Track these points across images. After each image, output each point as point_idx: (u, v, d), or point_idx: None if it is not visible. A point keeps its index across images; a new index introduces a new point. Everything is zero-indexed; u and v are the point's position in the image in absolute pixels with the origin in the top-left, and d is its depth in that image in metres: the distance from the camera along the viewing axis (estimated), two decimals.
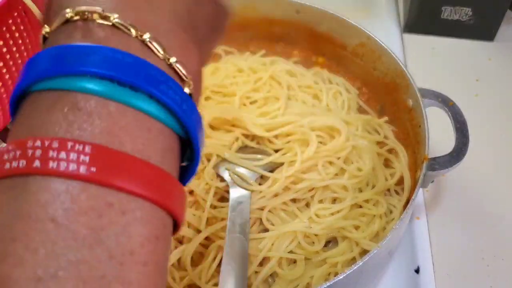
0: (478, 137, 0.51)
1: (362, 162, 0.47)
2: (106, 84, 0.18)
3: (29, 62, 0.20)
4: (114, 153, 0.18)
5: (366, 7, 0.77)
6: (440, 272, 0.50)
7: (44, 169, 0.17)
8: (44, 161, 0.17)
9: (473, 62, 0.69)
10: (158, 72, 0.19)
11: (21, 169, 0.17)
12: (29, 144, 0.17)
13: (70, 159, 0.17)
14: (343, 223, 0.44)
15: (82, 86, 0.18)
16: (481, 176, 0.57)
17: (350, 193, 0.45)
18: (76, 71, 0.18)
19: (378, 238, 0.44)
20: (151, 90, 0.19)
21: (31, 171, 0.17)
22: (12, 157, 0.17)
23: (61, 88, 0.18)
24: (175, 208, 0.19)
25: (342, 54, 0.57)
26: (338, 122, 0.48)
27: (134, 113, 0.19)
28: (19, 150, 0.17)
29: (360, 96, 0.56)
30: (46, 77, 0.19)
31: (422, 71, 0.60)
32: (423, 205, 0.54)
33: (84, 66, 0.18)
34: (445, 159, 0.44)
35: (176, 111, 0.19)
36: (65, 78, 0.18)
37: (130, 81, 0.18)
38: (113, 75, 0.18)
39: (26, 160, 0.17)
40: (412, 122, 0.48)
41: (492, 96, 0.65)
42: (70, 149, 0.17)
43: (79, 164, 0.17)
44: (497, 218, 0.54)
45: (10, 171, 0.17)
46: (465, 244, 0.52)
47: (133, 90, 0.19)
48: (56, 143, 0.17)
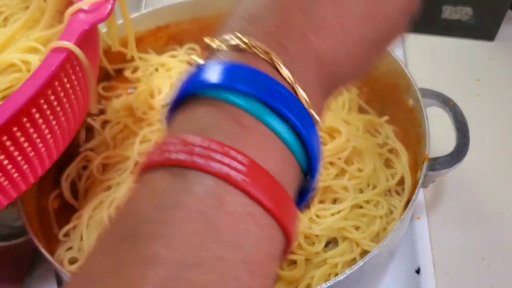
0: (478, 137, 0.51)
1: (362, 163, 0.47)
2: (261, 107, 0.20)
3: (195, 71, 0.21)
4: (263, 171, 0.19)
5: None
6: (440, 272, 0.50)
7: (205, 166, 0.18)
8: (206, 159, 0.18)
9: (474, 62, 0.69)
10: (304, 111, 0.21)
11: (185, 162, 0.19)
12: (194, 141, 0.19)
13: (228, 163, 0.19)
14: (344, 223, 0.44)
15: (240, 100, 0.20)
16: (481, 176, 0.57)
17: (351, 193, 0.45)
18: (237, 88, 0.20)
19: (378, 239, 0.44)
20: (296, 124, 0.20)
21: (193, 166, 0.19)
22: (177, 150, 0.19)
23: (221, 99, 0.20)
24: (292, 235, 0.21)
25: None
26: (338, 122, 0.48)
27: (277, 140, 0.20)
28: (184, 145, 0.19)
29: (361, 96, 0.56)
30: (209, 86, 0.20)
31: (422, 71, 0.60)
32: (423, 205, 0.54)
33: (245, 85, 0.20)
34: (446, 159, 0.44)
35: (308, 144, 0.21)
36: (227, 91, 0.20)
37: (279, 109, 0.20)
38: (268, 101, 0.20)
39: (189, 154, 0.19)
40: (412, 122, 0.48)
41: (492, 96, 0.65)
42: (229, 154, 0.19)
43: (236, 171, 0.19)
44: (498, 218, 0.54)
45: (175, 161, 0.19)
46: (465, 244, 0.52)
47: (280, 118, 0.20)
48: (218, 146, 0.19)
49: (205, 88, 0.21)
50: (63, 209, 0.49)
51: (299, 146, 0.21)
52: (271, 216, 0.19)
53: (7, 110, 0.32)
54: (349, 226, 0.44)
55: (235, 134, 0.20)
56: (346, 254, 0.43)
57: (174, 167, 0.19)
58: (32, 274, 0.52)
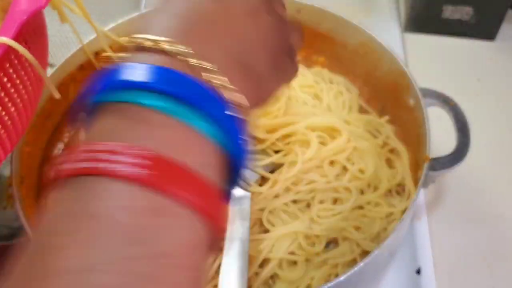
0: (479, 137, 0.51)
1: (364, 164, 0.47)
2: (168, 100, 0.21)
3: (96, 77, 0.22)
4: (171, 162, 0.20)
5: (367, 6, 0.77)
6: (441, 273, 0.50)
7: (109, 170, 0.19)
8: (110, 163, 0.19)
9: (474, 61, 0.69)
10: (217, 97, 0.22)
11: (88, 169, 0.19)
12: (96, 147, 0.20)
13: (131, 162, 0.19)
14: (344, 224, 0.44)
15: (147, 100, 0.21)
16: (482, 176, 0.57)
17: (353, 194, 0.45)
18: (142, 86, 0.21)
19: (379, 239, 0.44)
20: (209, 110, 0.21)
21: (98, 172, 0.19)
22: (81, 159, 0.19)
23: (127, 101, 0.21)
24: (217, 220, 0.21)
25: (343, 54, 0.57)
26: (338, 122, 0.48)
27: (191, 129, 0.21)
28: (87, 153, 0.20)
29: (361, 96, 0.55)
30: (113, 89, 0.21)
31: (423, 70, 0.60)
32: (424, 205, 0.54)
33: (148, 82, 0.21)
34: (446, 159, 0.44)
35: (226, 130, 0.22)
36: (131, 92, 0.21)
37: (189, 100, 0.21)
38: (174, 92, 0.21)
39: (92, 161, 0.19)
40: (413, 122, 0.48)
41: (493, 95, 0.65)
42: (133, 154, 0.19)
43: (141, 168, 0.19)
44: (499, 219, 0.54)
45: (78, 170, 0.19)
46: (466, 244, 0.52)
47: (191, 108, 0.21)
48: (122, 147, 0.19)
49: (114, 91, 0.21)
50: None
51: (217, 130, 0.22)
52: (186, 205, 0.19)
53: None
54: (349, 226, 0.44)
55: (140, 133, 0.20)
56: (346, 254, 0.43)
57: (80, 176, 0.19)
58: None
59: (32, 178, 0.49)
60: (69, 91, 0.56)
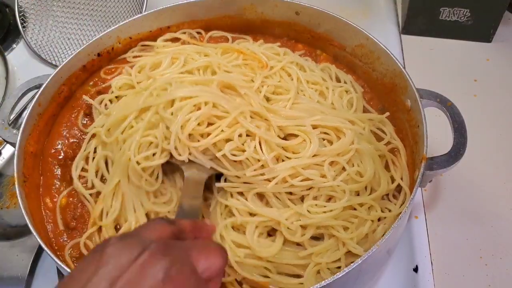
0: (476, 137, 0.51)
1: (363, 166, 0.46)
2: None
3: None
4: None
5: (365, 8, 0.78)
6: (438, 271, 0.50)
7: None
8: None
9: (471, 62, 0.70)
10: None
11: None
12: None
13: None
14: (333, 222, 0.43)
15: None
16: (479, 175, 0.58)
17: (346, 195, 0.44)
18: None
19: (367, 241, 0.43)
20: None
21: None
22: None
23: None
24: None
25: (341, 55, 0.58)
26: (344, 124, 0.47)
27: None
28: None
29: (364, 96, 0.55)
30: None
31: (420, 71, 0.60)
32: (421, 204, 0.55)
33: None
34: (443, 158, 0.44)
35: None
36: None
37: None
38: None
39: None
40: (410, 122, 0.49)
41: (490, 96, 0.65)
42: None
43: None
44: (495, 217, 0.54)
45: None
46: (463, 243, 0.53)
47: None
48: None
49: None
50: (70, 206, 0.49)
51: None
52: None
53: None
54: (338, 226, 0.43)
55: None
56: (330, 251, 0.43)
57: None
58: (34, 273, 0.52)
59: (35, 177, 0.49)
60: (72, 91, 0.56)
